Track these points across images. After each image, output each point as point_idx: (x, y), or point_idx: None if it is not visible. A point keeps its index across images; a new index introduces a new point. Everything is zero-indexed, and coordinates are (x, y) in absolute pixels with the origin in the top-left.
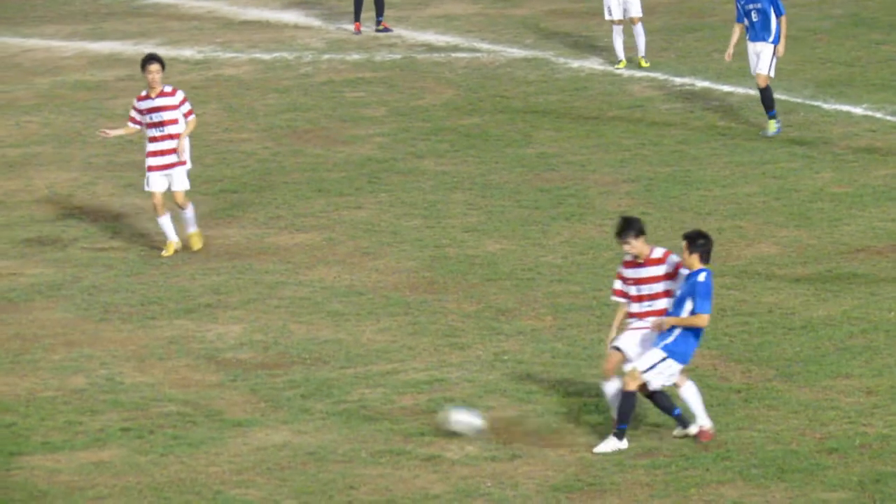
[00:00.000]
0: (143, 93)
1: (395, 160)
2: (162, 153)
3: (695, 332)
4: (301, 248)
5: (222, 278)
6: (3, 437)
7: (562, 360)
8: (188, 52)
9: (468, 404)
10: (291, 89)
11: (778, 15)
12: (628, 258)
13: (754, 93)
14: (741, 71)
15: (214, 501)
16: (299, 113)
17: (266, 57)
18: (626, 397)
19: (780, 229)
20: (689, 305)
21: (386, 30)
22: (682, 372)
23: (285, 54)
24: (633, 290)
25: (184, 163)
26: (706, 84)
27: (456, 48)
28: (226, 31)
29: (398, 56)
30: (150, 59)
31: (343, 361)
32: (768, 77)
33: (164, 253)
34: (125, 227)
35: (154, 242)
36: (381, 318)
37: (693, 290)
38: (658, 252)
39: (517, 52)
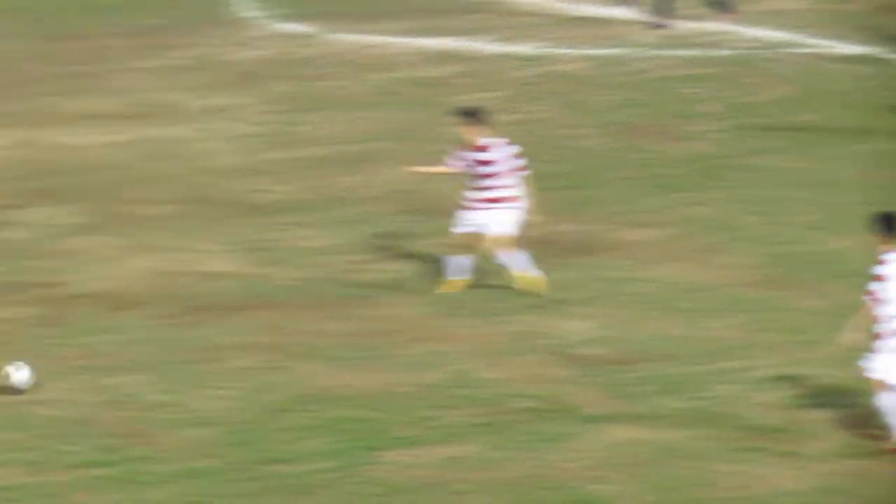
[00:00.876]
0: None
1: (731, 156)
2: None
3: None
4: (643, 245)
5: (567, 275)
6: (359, 432)
7: None
8: (522, 49)
9: (814, 400)
10: (625, 85)
11: None
12: None
13: None
14: None
15: (569, 496)
16: (634, 109)
17: (599, 53)
18: None
19: None
20: None
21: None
22: None
23: (618, 50)
24: None
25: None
26: None
27: (789, 44)
28: (559, 27)
29: (731, 52)
30: (458, 113)
31: (694, 358)
32: None
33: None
34: None
35: None
36: (728, 315)
37: None
38: None
39: (851, 49)
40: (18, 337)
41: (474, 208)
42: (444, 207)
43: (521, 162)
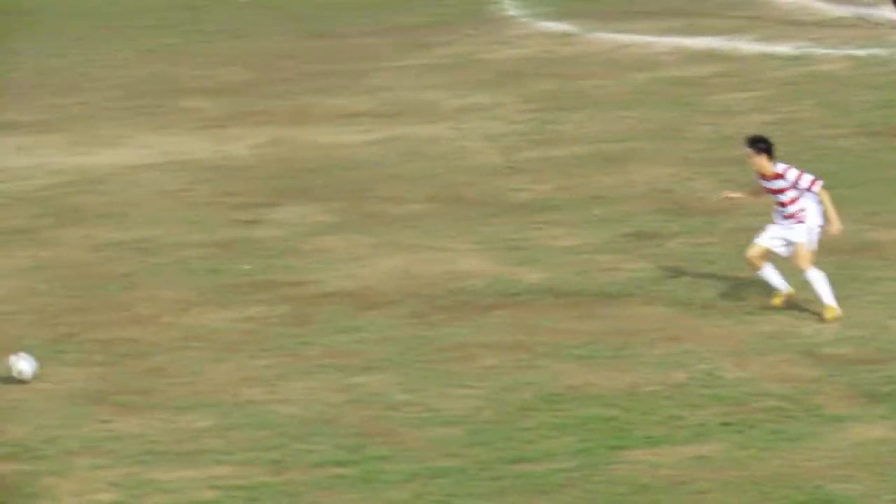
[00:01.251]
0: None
1: None
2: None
3: None
4: None
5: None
6: (605, 431)
7: None
8: (783, 48)
9: None
10: (885, 86)
11: None
12: None
13: None
14: None
15: (814, 496)
16: (893, 109)
17: (860, 53)
18: None
19: None
20: None
21: None
22: None
23: (880, 51)
24: None
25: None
26: None
27: None
28: (819, 28)
29: None
30: (748, 143)
31: None
32: None
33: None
34: (723, 223)
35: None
36: None
37: None
38: None
39: None
40: (265, 335)
41: (776, 223)
42: (700, 207)
43: (813, 177)
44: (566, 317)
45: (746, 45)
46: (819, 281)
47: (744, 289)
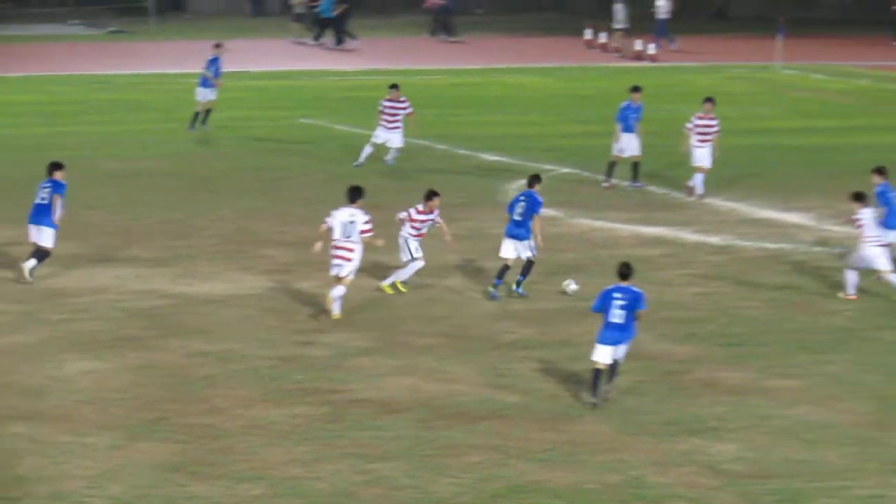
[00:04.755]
0: None
1: (860, 329)
2: None
3: None
4: (786, 390)
5: (723, 409)
6: None
7: None
8: (714, 239)
9: None
10: (788, 272)
11: None
12: None
13: None
14: None
15: None
16: (793, 290)
17: (771, 246)
18: None
19: None
20: None
21: None
22: None
23: (786, 245)
24: None
25: None
26: None
27: None
28: (742, 225)
29: None
30: None
31: (810, 476)
32: None
33: None
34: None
35: None
36: (843, 447)
37: None
38: None
39: None
40: (308, 428)
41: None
42: (632, 354)
43: None
44: (534, 429)
45: (688, 235)
46: None
47: (668, 414)
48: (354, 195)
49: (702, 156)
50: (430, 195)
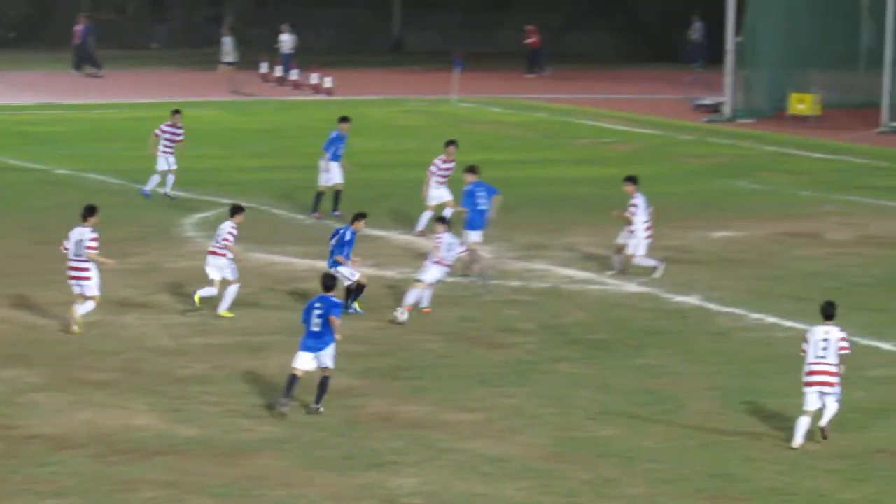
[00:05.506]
0: None
1: (538, 362)
2: None
3: None
4: (464, 423)
5: (402, 443)
6: None
7: None
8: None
9: None
10: (463, 305)
11: None
12: None
13: None
14: None
15: None
16: (470, 323)
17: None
18: None
19: None
20: None
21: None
22: None
23: (465, 279)
24: None
25: None
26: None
27: (590, 281)
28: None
29: (546, 285)
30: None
31: None
32: None
33: None
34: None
35: None
36: (519, 480)
37: None
38: None
39: (635, 288)
40: None
41: None
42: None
43: None
44: (212, 464)
45: (365, 269)
46: None
47: (346, 448)
48: (87, 213)
49: (439, 196)
50: (235, 211)
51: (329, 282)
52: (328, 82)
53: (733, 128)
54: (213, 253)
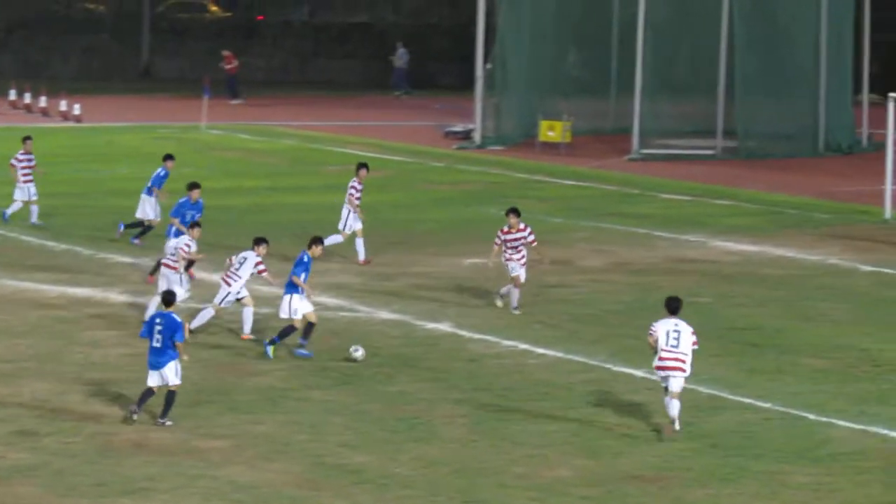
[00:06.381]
0: None
1: (291, 389)
2: None
3: None
4: (215, 451)
5: (154, 469)
6: None
7: None
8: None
9: None
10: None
11: None
12: None
13: None
14: None
15: None
16: (222, 349)
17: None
18: None
19: None
20: None
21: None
22: None
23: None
24: None
25: None
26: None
27: (342, 308)
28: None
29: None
30: None
31: None
32: None
33: None
34: (85, 427)
35: None
36: None
37: None
38: None
39: (386, 315)
40: None
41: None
42: (71, 415)
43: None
44: None
45: (115, 296)
46: None
47: (98, 475)
48: None
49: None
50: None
51: (169, 297)
52: (77, 109)
53: (483, 154)
54: None
